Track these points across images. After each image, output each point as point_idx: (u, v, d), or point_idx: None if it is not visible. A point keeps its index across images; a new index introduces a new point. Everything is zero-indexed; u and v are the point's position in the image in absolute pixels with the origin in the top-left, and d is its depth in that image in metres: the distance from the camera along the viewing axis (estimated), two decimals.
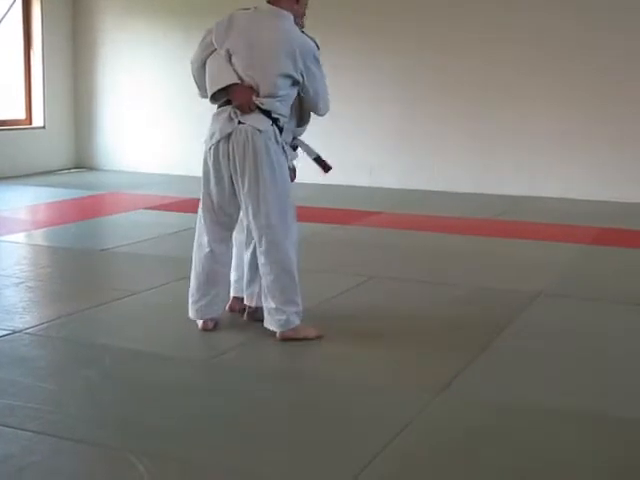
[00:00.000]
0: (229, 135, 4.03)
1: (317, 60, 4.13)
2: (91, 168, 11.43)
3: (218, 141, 4.05)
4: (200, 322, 4.31)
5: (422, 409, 3.44)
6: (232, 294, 4.56)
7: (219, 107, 4.17)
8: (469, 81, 9.54)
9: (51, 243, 6.81)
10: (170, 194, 8.78)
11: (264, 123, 4.01)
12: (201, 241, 4.26)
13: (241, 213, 4.23)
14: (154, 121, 10.99)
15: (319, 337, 4.23)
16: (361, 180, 10.02)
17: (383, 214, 8.15)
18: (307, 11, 4.23)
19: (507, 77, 9.37)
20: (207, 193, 4.19)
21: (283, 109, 4.09)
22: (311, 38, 4.14)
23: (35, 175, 10.60)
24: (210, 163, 4.12)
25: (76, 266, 6.06)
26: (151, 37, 10.96)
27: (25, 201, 8.89)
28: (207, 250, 4.21)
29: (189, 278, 4.40)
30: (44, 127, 11.08)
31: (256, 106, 4.01)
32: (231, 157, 4.04)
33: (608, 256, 6.51)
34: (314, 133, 4.86)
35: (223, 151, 4.05)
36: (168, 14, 10.77)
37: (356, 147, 10.06)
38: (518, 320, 4.73)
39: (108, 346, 4.16)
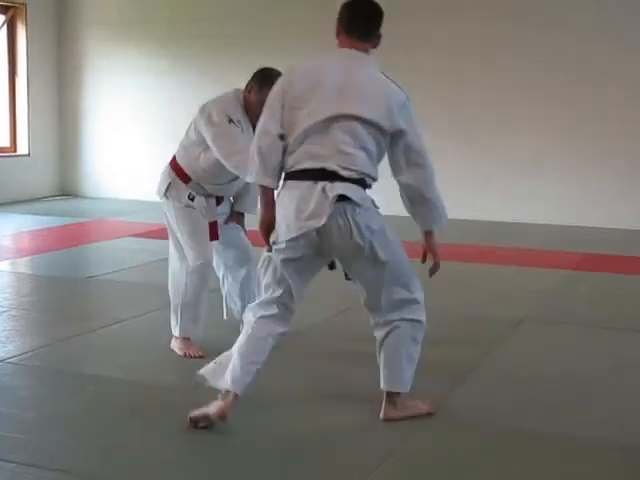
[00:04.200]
0: None
1: None
2: (76, 195, 11.41)
3: None
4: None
5: (406, 436, 3.44)
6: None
7: None
8: (450, 103, 9.62)
9: (35, 271, 6.80)
10: (155, 221, 8.76)
11: None
12: None
13: None
14: (139, 148, 11.00)
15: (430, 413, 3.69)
16: None
17: None
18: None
19: (490, 100, 9.44)
20: None
21: None
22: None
23: (20, 203, 10.57)
24: None
25: (60, 294, 6.03)
26: (136, 64, 11.00)
27: (9, 229, 8.85)
28: None
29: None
30: (29, 155, 11.07)
31: None
32: None
33: (592, 282, 6.54)
34: None
35: None
36: (152, 41, 10.81)
37: None
38: (502, 346, 4.76)
39: (92, 375, 4.15)
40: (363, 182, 3.43)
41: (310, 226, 3.31)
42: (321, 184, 3.31)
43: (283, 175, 3.45)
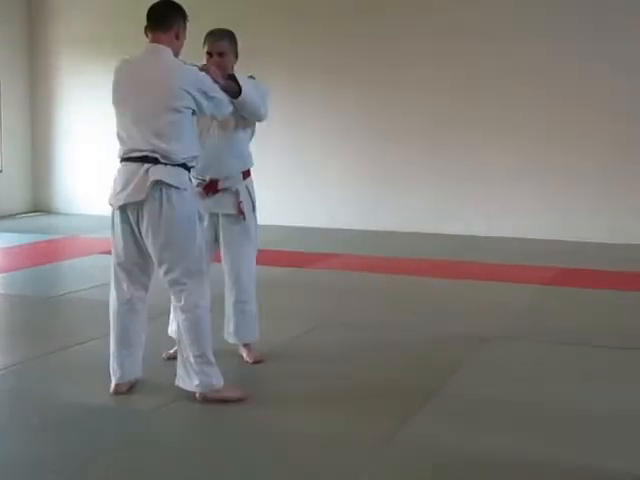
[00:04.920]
0: None
1: None
2: (49, 211, 11.34)
3: None
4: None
5: (367, 463, 3.39)
6: None
7: None
8: (428, 119, 9.62)
9: (5, 290, 6.71)
10: None
11: None
12: None
13: None
14: (111, 163, 10.85)
15: (242, 399, 4.04)
16: (322, 221, 10.02)
17: (342, 256, 8.15)
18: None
19: (461, 115, 9.45)
20: None
21: None
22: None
23: None
24: None
25: (25, 314, 5.97)
26: (107, 81, 10.89)
27: None
28: None
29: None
30: (1, 171, 11.00)
31: None
32: None
33: (563, 297, 6.52)
34: (276, 169, 4.84)
35: None
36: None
37: (318, 186, 10.11)
38: (469, 365, 4.71)
39: (50, 398, 4.08)
40: None
41: None
42: None
43: None
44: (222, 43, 4.39)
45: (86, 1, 11.09)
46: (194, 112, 3.96)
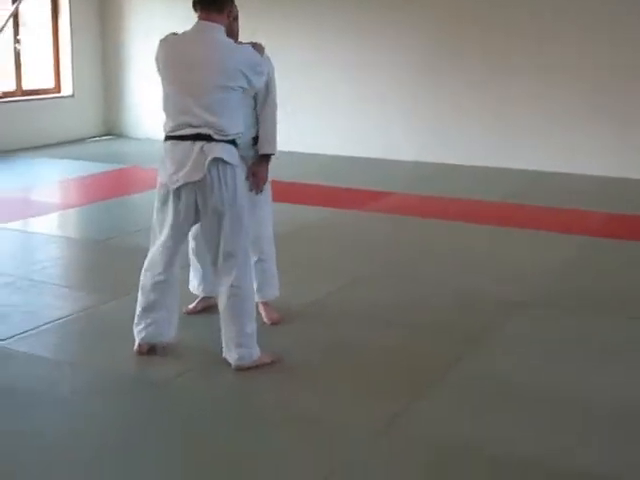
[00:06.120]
0: None
1: None
2: (120, 135, 11.52)
3: None
4: None
5: (359, 449, 3.44)
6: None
7: None
8: (490, 50, 9.35)
9: (58, 232, 6.84)
10: None
11: None
12: None
13: None
14: None
15: (274, 363, 4.19)
16: (378, 152, 9.94)
17: (393, 195, 8.07)
18: None
19: (532, 46, 9.13)
20: None
21: None
22: None
23: (64, 144, 10.75)
24: None
25: (80, 258, 6.15)
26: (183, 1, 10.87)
27: (50, 176, 9.06)
28: None
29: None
30: (73, 95, 11.18)
31: None
32: None
33: (611, 252, 6.23)
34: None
35: None
36: None
37: (375, 117, 9.99)
38: (492, 334, 4.61)
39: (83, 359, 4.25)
40: None
41: None
42: None
43: None
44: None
45: None
46: (245, 89, 4.02)
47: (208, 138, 3.90)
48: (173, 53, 4.05)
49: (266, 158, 4.51)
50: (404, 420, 3.66)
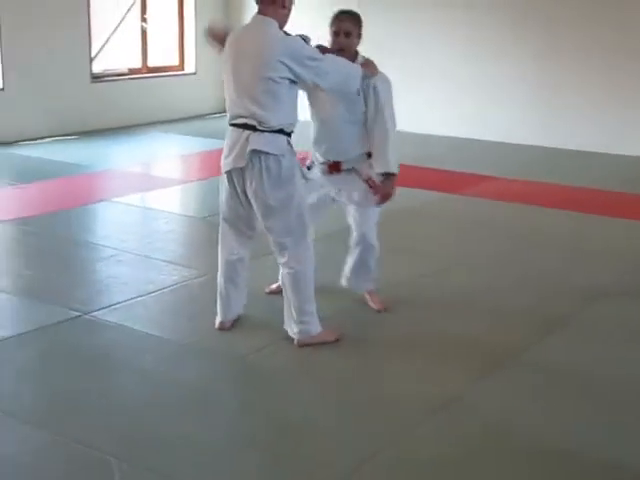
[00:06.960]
0: None
1: None
2: None
3: None
4: None
5: (414, 427, 3.53)
6: None
7: None
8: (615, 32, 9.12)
9: (167, 207, 7.10)
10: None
11: None
12: None
13: None
14: None
15: (338, 341, 4.37)
16: (494, 135, 9.86)
17: (500, 180, 8.01)
18: None
19: None
20: None
21: None
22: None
23: (185, 120, 11.11)
24: None
25: (183, 233, 6.40)
26: None
27: (167, 151, 9.47)
28: None
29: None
30: (195, 73, 11.51)
31: None
32: None
33: None
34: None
35: None
36: None
37: (492, 102, 9.91)
38: (570, 324, 4.62)
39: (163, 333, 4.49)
40: None
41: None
42: None
43: None
44: (349, 24, 4.42)
45: None
46: (294, 81, 4.06)
47: (253, 128, 4.04)
48: (231, 46, 4.18)
49: (388, 176, 4.47)
50: (468, 400, 3.76)
